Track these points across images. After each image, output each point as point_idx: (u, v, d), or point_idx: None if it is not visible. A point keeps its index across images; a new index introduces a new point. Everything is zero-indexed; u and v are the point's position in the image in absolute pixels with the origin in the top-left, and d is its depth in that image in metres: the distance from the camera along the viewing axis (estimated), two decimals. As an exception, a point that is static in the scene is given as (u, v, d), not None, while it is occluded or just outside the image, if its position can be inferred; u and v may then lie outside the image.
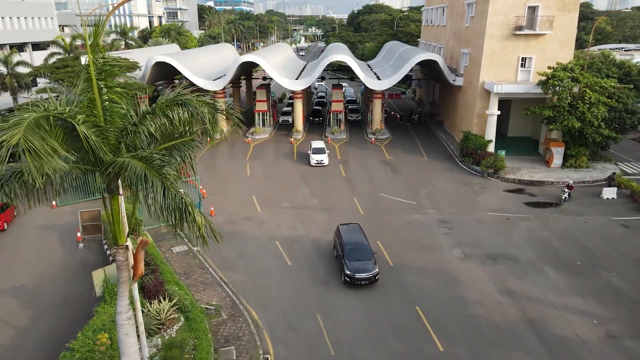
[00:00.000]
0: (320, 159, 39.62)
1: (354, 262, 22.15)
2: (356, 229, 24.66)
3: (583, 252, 25.47)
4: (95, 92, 8.06)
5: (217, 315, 20.12)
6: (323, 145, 40.97)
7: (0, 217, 27.77)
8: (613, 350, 17.99)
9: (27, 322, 19.70)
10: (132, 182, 7.74)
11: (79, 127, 7.59)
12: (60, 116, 7.60)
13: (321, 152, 40.02)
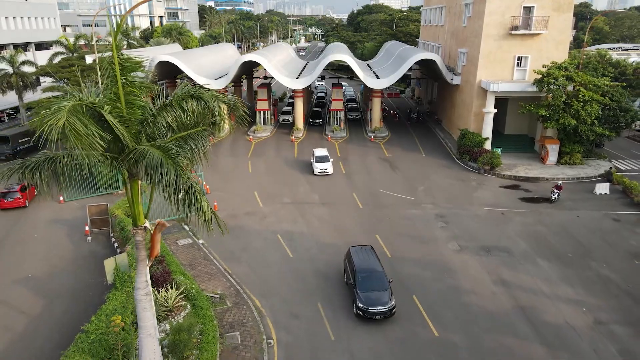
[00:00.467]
0: (324, 167, 37.12)
1: (368, 292, 19.70)
2: (369, 252, 22.13)
3: (575, 245, 26.34)
4: (119, 86, 8.91)
5: (222, 303, 20.98)
6: (326, 153, 38.37)
7: (23, 195, 31.77)
8: (601, 336, 18.85)
9: (40, 310, 20.57)
10: (149, 168, 8.58)
11: (107, 116, 8.45)
12: (91, 105, 8.46)
13: (325, 160, 37.57)
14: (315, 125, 54.22)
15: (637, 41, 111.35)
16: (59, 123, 7.78)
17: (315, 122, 54.21)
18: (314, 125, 54.21)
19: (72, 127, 7.85)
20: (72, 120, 7.89)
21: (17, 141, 42.46)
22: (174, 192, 8.76)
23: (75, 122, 7.91)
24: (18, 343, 18.49)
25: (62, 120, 7.77)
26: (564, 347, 18.18)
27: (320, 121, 54.36)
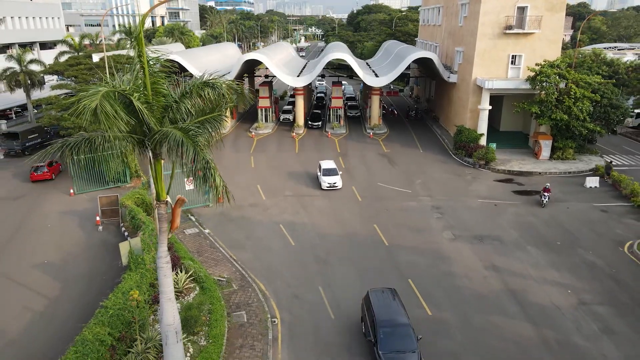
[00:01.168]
0: (333, 181, 34.20)
1: (392, 354, 16.14)
2: (393, 298, 18.36)
3: (564, 234, 27.62)
4: (146, 75, 10.15)
5: (228, 286, 22.26)
6: (334, 165, 35.56)
7: (50, 170, 36.63)
8: (584, 315, 20.13)
9: (58, 292, 21.84)
10: (171, 147, 9.86)
11: (136, 102, 9.70)
12: (122, 92, 9.72)
13: (333, 174, 34.61)
14: (315, 128, 52.65)
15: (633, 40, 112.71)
16: (92, 105, 9.06)
17: (314, 125, 52.47)
18: (313, 128, 52.71)
19: (102, 109, 9.12)
20: (104, 103, 9.17)
21: (26, 137, 43.72)
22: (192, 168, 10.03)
23: (106, 105, 9.18)
24: (39, 322, 19.76)
25: (95, 102, 9.04)
26: (549, 325, 19.46)
27: (319, 124, 52.79)
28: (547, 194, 30.85)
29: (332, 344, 18.48)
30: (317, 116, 54.33)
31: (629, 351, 17.93)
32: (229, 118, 52.01)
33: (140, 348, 16.51)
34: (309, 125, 52.77)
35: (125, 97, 9.72)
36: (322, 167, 35.51)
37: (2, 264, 24.27)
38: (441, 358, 17.62)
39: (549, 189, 31.07)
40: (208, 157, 10.05)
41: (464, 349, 18.09)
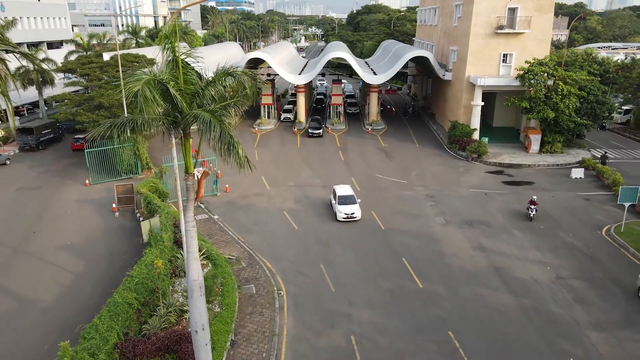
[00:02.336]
0: (351, 211, 28.55)
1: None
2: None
3: (547, 219, 29.75)
4: (179, 67, 12.24)
5: (237, 263, 24.38)
6: (352, 192, 30.00)
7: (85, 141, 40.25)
8: (560, 287, 22.26)
9: (82, 269, 23.95)
10: (201, 126, 11.92)
11: (171, 89, 11.74)
12: (160, 80, 11.80)
13: (350, 202, 29.10)
14: (315, 136, 48.74)
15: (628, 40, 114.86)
16: (135, 88, 11.14)
17: (315, 134, 48.67)
18: (314, 136, 48.74)
19: (143, 93, 11.20)
20: (144, 88, 11.25)
21: (40, 132, 45.83)
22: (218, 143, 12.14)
23: (145, 90, 11.26)
24: (68, 294, 21.86)
25: (137, 87, 11.12)
26: (528, 296, 21.59)
27: (320, 132, 48.74)
28: (534, 206, 29.31)
29: (333, 311, 20.60)
30: (318, 124, 49.98)
31: (598, 317, 20.05)
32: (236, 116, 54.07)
33: (163, 312, 18.65)
34: (310, 134, 48.89)
35: (162, 85, 11.77)
36: (337, 194, 29.66)
37: (31, 246, 26.39)
38: (431, 323, 19.72)
39: (535, 201, 29.33)
40: (232, 133, 12.15)
41: (451, 315, 20.21)
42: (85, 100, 41.61)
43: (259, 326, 19.45)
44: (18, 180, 37.31)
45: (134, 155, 37.07)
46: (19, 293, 21.89)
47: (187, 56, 12.47)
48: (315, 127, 49.62)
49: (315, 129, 49.26)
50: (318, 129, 49.26)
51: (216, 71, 12.89)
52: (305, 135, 49.89)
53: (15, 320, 19.96)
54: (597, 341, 18.50)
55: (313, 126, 49.92)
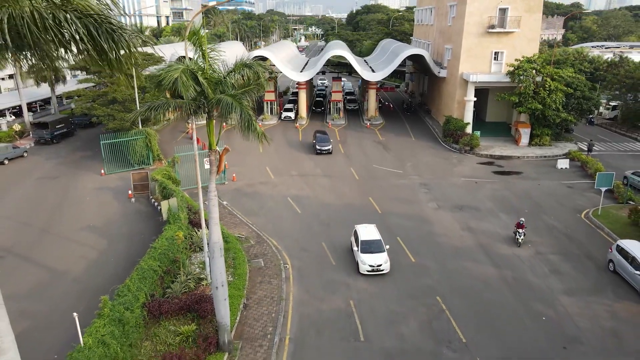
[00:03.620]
0: (378, 262, 22.81)
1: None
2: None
3: (532, 204, 32.13)
4: (206, 59, 14.57)
5: (246, 241, 26.75)
6: (379, 235, 24.21)
7: None
8: (538, 261, 24.64)
9: (105, 246, 26.33)
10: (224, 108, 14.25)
11: (200, 78, 14.07)
12: (192, 70, 14.13)
13: (377, 249, 23.32)
14: (324, 153, 43.06)
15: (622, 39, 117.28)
16: (174, 75, 13.50)
17: (324, 150, 42.99)
18: (322, 153, 43.07)
19: (181, 79, 13.57)
20: (182, 75, 13.61)
21: (54, 127, 48.19)
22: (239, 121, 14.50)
23: (182, 77, 13.61)
24: (94, 266, 24.23)
25: (176, 74, 13.48)
26: (509, 268, 23.97)
27: (329, 148, 43.06)
28: (522, 230, 25.96)
29: (333, 281, 22.96)
30: (325, 138, 44.19)
31: (570, 285, 22.43)
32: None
33: (183, 279, 21.02)
34: (318, 150, 43.00)
35: (193, 74, 14.11)
36: (360, 237, 23.59)
37: (56, 227, 28.77)
38: (422, 290, 22.08)
39: (523, 224, 26.06)
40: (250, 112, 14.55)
41: (440, 284, 22.59)
42: (99, 95, 43.93)
43: (267, 292, 21.83)
44: (36, 170, 39.67)
45: (146, 147, 39.42)
46: (51, 266, 24.27)
47: (211, 50, 14.82)
48: (323, 139, 43.61)
49: (324, 143, 43.06)
50: (327, 143, 43.08)
51: (236, 62, 15.23)
52: (313, 152, 44.02)
53: (51, 289, 22.34)
54: (567, 304, 20.89)
55: (321, 140, 43.58)
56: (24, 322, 19.82)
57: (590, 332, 19.09)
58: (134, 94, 41.46)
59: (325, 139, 44.30)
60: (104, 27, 7.18)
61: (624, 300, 21.21)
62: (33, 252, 25.75)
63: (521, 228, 26.17)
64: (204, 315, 18.85)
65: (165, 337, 17.86)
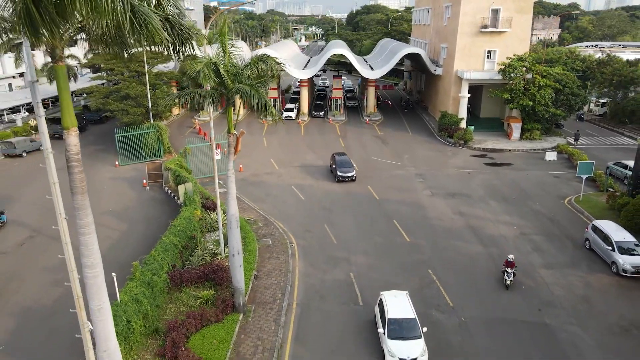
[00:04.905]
0: (407, 352, 16.92)
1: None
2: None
3: (520, 192, 34.49)
4: (226, 54, 16.93)
5: (255, 224, 29.10)
6: (413, 313, 18.17)
7: None
8: (522, 240, 27.00)
9: (126, 228, 28.68)
10: (243, 96, 16.59)
11: (221, 70, 16.38)
12: (214, 63, 16.47)
13: (412, 333, 17.31)
14: (347, 180, 36.21)
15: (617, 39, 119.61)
16: (198, 67, 15.85)
17: (347, 177, 36.18)
18: (345, 180, 36.24)
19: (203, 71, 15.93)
20: (204, 67, 15.97)
21: (68, 122, 50.53)
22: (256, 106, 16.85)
23: (205, 68, 15.98)
24: (117, 246, 26.57)
25: (200, 66, 15.85)
26: (495, 246, 26.34)
27: (353, 174, 36.37)
28: (512, 269, 21.85)
29: (335, 257, 25.33)
30: (345, 163, 37.42)
31: (549, 260, 24.79)
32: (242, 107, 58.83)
33: (200, 253, 23.37)
34: (334, 172, 37.19)
35: (215, 66, 16.46)
36: (388, 315, 17.98)
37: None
38: (415, 265, 24.43)
39: (512, 262, 22.01)
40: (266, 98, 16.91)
41: (431, 259, 24.95)
42: (111, 92, 46.29)
43: (275, 266, 24.20)
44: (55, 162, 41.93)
45: (157, 140, 41.77)
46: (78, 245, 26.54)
47: (231, 46, 17.20)
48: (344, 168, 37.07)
49: (344, 171, 36.68)
50: (350, 170, 36.88)
51: (251, 57, 17.60)
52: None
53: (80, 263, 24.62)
54: (546, 275, 23.26)
55: (342, 167, 37.02)
56: (57, 291, 22.20)
57: (563, 298, 21.45)
58: (145, 90, 43.85)
59: (347, 162, 36.97)
60: (177, 28, 9.42)
61: (596, 273, 23.57)
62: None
63: (510, 267, 21.75)
64: (220, 283, 21.20)
65: (187, 300, 20.21)
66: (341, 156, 38.12)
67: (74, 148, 10.80)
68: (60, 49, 9.19)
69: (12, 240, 27.54)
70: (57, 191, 11.99)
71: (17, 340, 18.92)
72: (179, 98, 16.79)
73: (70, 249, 12.62)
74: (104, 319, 11.98)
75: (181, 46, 9.83)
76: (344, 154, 38.77)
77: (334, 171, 37.09)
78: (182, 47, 9.87)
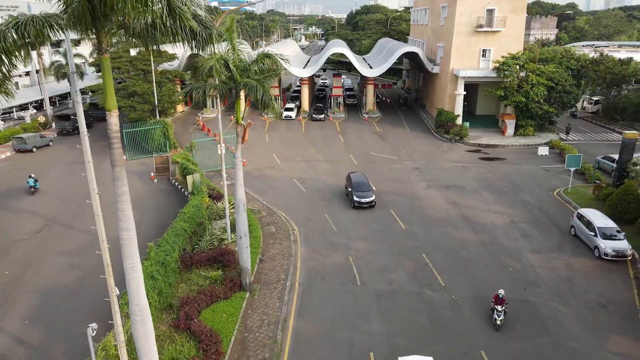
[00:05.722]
0: None
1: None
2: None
3: (511, 184, 36.04)
4: (235, 51, 18.45)
5: (259, 213, 30.66)
6: None
7: None
8: (512, 228, 28.56)
9: (139, 217, 29.69)
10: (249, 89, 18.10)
11: (231, 65, 17.93)
12: (225, 59, 18.01)
13: None
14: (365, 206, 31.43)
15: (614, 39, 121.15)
16: (210, 63, 17.40)
17: (365, 203, 31.30)
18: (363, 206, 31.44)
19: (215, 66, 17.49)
20: (216, 62, 17.53)
21: (75, 119, 52.13)
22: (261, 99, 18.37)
23: (216, 64, 17.54)
24: (128, 232, 28.08)
25: (212, 62, 17.39)
26: (486, 233, 27.89)
27: (372, 199, 31.42)
28: (501, 307, 19.23)
29: (335, 243, 26.89)
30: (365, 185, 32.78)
31: (536, 245, 26.35)
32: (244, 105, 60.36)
33: (208, 238, 24.93)
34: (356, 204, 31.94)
35: (225, 62, 18.01)
36: None
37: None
38: (410, 249, 25.98)
39: (503, 299, 19.33)
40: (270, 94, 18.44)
41: (425, 245, 26.50)
42: (119, 89, 47.80)
43: (279, 251, 25.76)
44: (64, 157, 43.59)
45: (163, 135, 43.33)
46: (92, 232, 28.06)
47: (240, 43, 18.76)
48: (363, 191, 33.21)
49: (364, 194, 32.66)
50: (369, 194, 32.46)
51: (258, 54, 19.16)
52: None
53: (94, 248, 26.06)
54: (532, 259, 24.82)
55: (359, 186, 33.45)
56: (75, 273, 23.83)
57: (548, 278, 23.01)
58: (152, 87, 45.41)
59: (364, 184, 31.68)
60: (202, 26, 10.95)
61: (580, 257, 25.13)
62: (74, 221, 29.72)
63: (500, 304, 19.23)
64: (228, 265, 22.74)
65: (197, 280, 21.77)
66: (358, 176, 32.77)
67: (114, 127, 12.26)
68: (105, 43, 10.69)
69: (29, 228, 29.11)
70: (91, 168, 13.37)
71: (41, 315, 20.50)
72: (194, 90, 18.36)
73: (101, 221, 14.10)
74: (137, 275, 13.59)
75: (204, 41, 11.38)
76: (361, 173, 33.43)
77: (349, 195, 31.96)
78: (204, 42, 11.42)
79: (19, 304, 21.28)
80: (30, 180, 34.56)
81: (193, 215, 25.49)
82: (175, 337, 17.88)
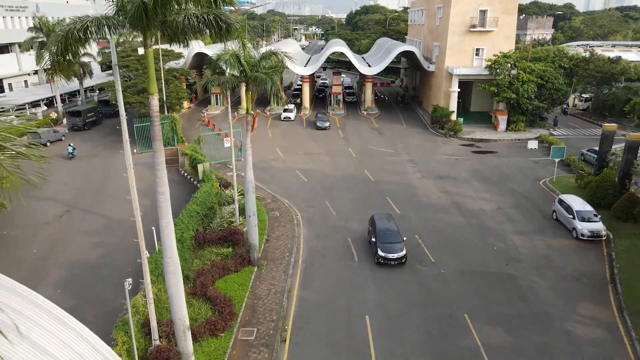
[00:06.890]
0: None
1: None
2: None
3: (501, 175, 38.33)
4: (246, 48, 20.73)
5: (264, 200, 32.93)
6: None
7: None
8: (499, 213, 30.83)
9: (150, 204, 32.41)
10: (259, 83, 20.34)
11: (242, 60, 20.16)
12: (237, 55, 20.27)
13: None
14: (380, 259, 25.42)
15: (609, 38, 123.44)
16: (225, 57, 19.64)
17: (387, 260, 24.58)
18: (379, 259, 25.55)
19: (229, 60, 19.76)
20: (230, 57, 19.80)
21: (86, 115, 54.37)
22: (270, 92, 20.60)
23: (230, 59, 19.81)
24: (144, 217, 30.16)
25: (227, 57, 19.62)
26: (475, 217, 30.16)
27: (401, 257, 24.52)
28: None
29: (335, 226, 29.17)
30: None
31: (520, 228, 28.64)
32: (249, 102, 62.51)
33: (218, 220, 27.20)
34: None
35: (237, 57, 20.28)
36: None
37: (106, 190, 35.02)
38: (404, 231, 28.10)
39: None
40: (278, 86, 20.69)
41: (418, 227, 28.77)
42: (128, 86, 50.06)
43: (283, 233, 28.03)
44: (77, 151, 45.81)
45: (171, 130, 45.56)
46: (109, 216, 30.48)
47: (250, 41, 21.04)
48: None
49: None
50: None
51: (266, 51, 21.45)
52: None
53: (113, 229, 28.54)
54: (515, 239, 27.10)
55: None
56: (98, 250, 26.11)
57: (528, 256, 25.29)
58: (160, 84, 47.61)
59: (394, 232, 25.23)
60: (224, 20, 13.24)
61: (559, 238, 27.41)
62: (93, 207, 31.99)
63: None
64: (237, 243, 24.99)
65: (209, 256, 24.00)
66: (384, 220, 26.06)
67: (155, 107, 14.46)
68: (150, 39, 12.89)
69: (51, 213, 31.37)
70: (127, 146, 15.58)
71: (71, 285, 22.77)
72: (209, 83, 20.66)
73: (135, 192, 16.34)
74: (170, 232, 15.85)
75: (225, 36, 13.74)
76: (390, 217, 26.64)
77: (372, 245, 25.25)
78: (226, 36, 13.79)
79: (51, 276, 23.55)
80: (69, 147, 43.16)
81: (204, 199, 27.76)
82: (193, 302, 20.14)
